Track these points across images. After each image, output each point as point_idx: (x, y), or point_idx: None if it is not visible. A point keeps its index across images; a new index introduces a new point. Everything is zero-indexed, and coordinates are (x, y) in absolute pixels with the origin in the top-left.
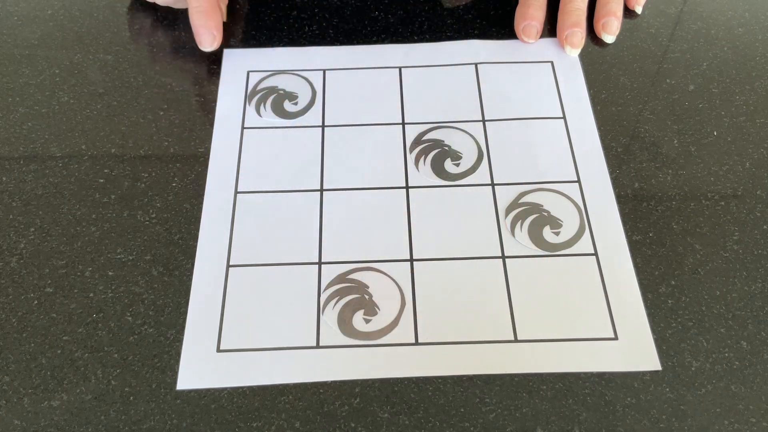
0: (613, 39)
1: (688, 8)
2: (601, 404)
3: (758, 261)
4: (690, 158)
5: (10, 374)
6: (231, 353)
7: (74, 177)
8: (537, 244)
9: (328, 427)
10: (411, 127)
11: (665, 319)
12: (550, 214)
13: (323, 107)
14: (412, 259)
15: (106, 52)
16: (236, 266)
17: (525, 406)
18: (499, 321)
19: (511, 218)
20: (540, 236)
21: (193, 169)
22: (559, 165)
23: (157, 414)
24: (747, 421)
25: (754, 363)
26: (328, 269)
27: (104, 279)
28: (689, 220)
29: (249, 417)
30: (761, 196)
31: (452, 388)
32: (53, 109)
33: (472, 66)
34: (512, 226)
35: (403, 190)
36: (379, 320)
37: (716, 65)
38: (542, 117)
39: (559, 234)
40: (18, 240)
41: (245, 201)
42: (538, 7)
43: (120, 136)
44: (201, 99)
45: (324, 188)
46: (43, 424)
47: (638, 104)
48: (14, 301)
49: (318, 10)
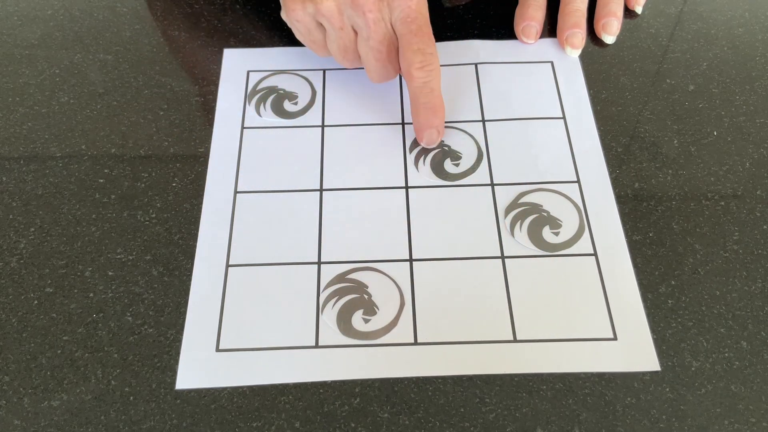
0: (613, 39)
1: (688, 8)
2: (601, 404)
3: (758, 261)
4: (690, 158)
5: (10, 374)
6: (230, 353)
7: (74, 177)
8: (536, 245)
9: (328, 427)
10: (411, 127)
11: (665, 319)
12: (550, 214)
13: (323, 107)
14: (411, 259)
15: (106, 52)
16: (236, 266)
17: (525, 406)
18: (498, 321)
19: (511, 218)
20: (539, 236)
21: (193, 169)
22: (558, 165)
23: (157, 414)
24: (747, 421)
25: (754, 363)
26: (327, 269)
27: (104, 279)
28: (689, 220)
29: (249, 417)
30: (761, 196)
31: (452, 388)
32: (53, 109)
33: (472, 66)
34: (512, 226)
35: (402, 190)
36: (379, 320)
37: (716, 65)
38: (542, 117)
39: (559, 234)
40: (18, 240)
41: (245, 201)
42: (538, 7)
43: (120, 136)
44: (201, 99)
45: (324, 188)
46: (43, 424)
47: (638, 104)
48: (14, 301)
49: None
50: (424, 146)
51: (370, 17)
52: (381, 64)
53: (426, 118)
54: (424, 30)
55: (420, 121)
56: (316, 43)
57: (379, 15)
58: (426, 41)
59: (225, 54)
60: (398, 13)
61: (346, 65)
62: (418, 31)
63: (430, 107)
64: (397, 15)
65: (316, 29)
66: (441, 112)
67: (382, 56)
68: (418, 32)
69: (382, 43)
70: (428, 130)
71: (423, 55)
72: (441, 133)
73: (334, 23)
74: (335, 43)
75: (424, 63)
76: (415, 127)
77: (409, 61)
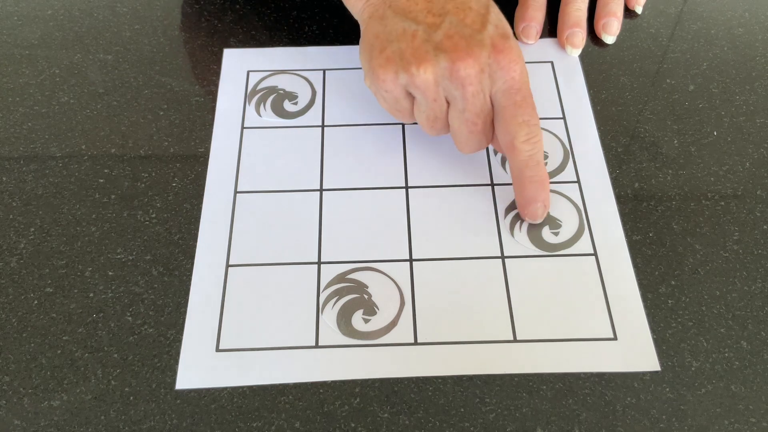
0: (613, 39)
1: (688, 8)
2: (601, 404)
3: (758, 261)
4: (690, 158)
5: (10, 374)
6: (230, 353)
7: (74, 177)
8: (536, 245)
9: (328, 427)
10: (411, 127)
11: (665, 319)
12: (550, 214)
13: (323, 107)
14: (411, 259)
15: (106, 52)
16: (236, 266)
17: (525, 406)
18: (498, 321)
19: (511, 218)
20: (539, 236)
21: (193, 169)
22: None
23: (157, 414)
24: (747, 421)
25: (754, 363)
26: (327, 269)
27: (104, 279)
28: (689, 220)
29: (249, 417)
30: (761, 196)
31: (452, 388)
32: (53, 109)
33: None
34: (511, 226)
35: (402, 190)
36: (379, 320)
37: (716, 65)
38: (542, 117)
39: (559, 234)
40: (18, 240)
41: (245, 201)
42: (538, 8)
43: (120, 136)
44: (201, 99)
45: (323, 188)
46: (43, 424)
47: (638, 104)
48: (14, 301)
49: (318, 10)
50: (528, 221)
51: (470, 90)
52: (475, 136)
53: (533, 192)
54: (528, 101)
55: (526, 196)
56: (401, 112)
57: (479, 87)
58: (530, 112)
59: (225, 54)
60: (501, 84)
61: (432, 134)
62: (522, 102)
63: (537, 180)
64: (500, 86)
65: (404, 98)
66: (547, 184)
67: (477, 128)
68: (522, 103)
69: (479, 116)
70: (534, 204)
71: (529, 127)
72: (547, 207)
73: (428, 95)
74: (424, 113)
75: (530, 135)
76: (520, 201)
77: (513, 134)
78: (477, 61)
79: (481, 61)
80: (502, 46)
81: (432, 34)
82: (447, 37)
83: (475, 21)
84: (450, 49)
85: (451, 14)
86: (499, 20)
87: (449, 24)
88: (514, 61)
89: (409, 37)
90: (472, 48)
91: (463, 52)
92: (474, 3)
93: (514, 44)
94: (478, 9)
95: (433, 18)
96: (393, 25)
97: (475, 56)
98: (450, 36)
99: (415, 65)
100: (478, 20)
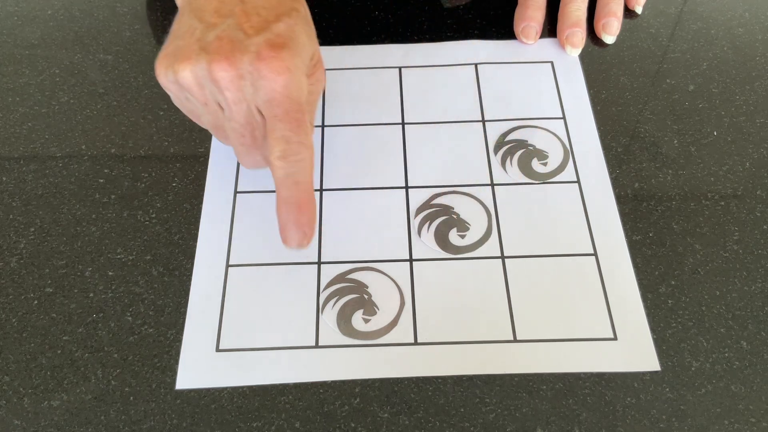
0: (613, 39)
1: (688, 8)
2: (601, 404)
3: (758, 261)
4: (690, 158)
5: (10, 374)
6: (230, 353)
7: (74, 177)
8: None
9: (328, 427)
10: (411, 127)
11: (665, 319)
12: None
13: (323, 107)
14: (411, 259)
15: (106, 52)
16: (235, 266)
17: (525, 406)
18: (498, 321)
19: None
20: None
21: (193, 169)
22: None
23: (157, 414)
24: (747, 421)
25: (754, 363)
26: (327, 269)
27: (104, 279)
28: (689, 220)
29: (249, 417)
30: (761, 196)
31: (452, 388)
32: (53, 109)
33: (472, 66)
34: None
35: (403, 190)
36: (379, 320)
37: (716, 65)
38: (542, 117)
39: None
40: (18, 240)
41: (245, 201)
42: (537, 8)
43: (120, 136)
44: None
45: (324, 188)
46: (43, 424)
47: (638, 104)
48: (14, 301)
49: (318, 10)
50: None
51: (229, 96)
52: (246, 149)
53: (287, 215)
54: (291, 115)
55: (281, 218)
56: (191, 114)
57: (240, 95)
58: (292, 128)
59: None
60: (262, 94)
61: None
62: (284, 116)
63: (292, 202)
64: (261, 96)
65: (186, 99)
66: (307, 209)
67: (245, 141)
68: (284, 118)
69: (245, 127)
70: (291, 230)
71: (287, 144)
72: (309, 235)
73: (196, 97)
74: (205, 118)
75: (288, 153)
76: (278, 224)
77: (270, 148)
78: (233, 66)
79: (240, 67)
80: (268, 54)
81: (206, 34)
82: (217, 39)
83: (253, 26)
84: (213, 51)
85: (235, 17)
86: (289, 31)
87: (226, 26)
88: (277, 72)
89: (188, 35)
90: (233, 52)
91: (222, 56)
92: (265, 10)
93: (286, 56)
94: (267, 16)
95: (216, 19)
96: (184, 22)
97: (232, 60)
98: (220, 38)
99: (179, 63)
100: (258, 26)
